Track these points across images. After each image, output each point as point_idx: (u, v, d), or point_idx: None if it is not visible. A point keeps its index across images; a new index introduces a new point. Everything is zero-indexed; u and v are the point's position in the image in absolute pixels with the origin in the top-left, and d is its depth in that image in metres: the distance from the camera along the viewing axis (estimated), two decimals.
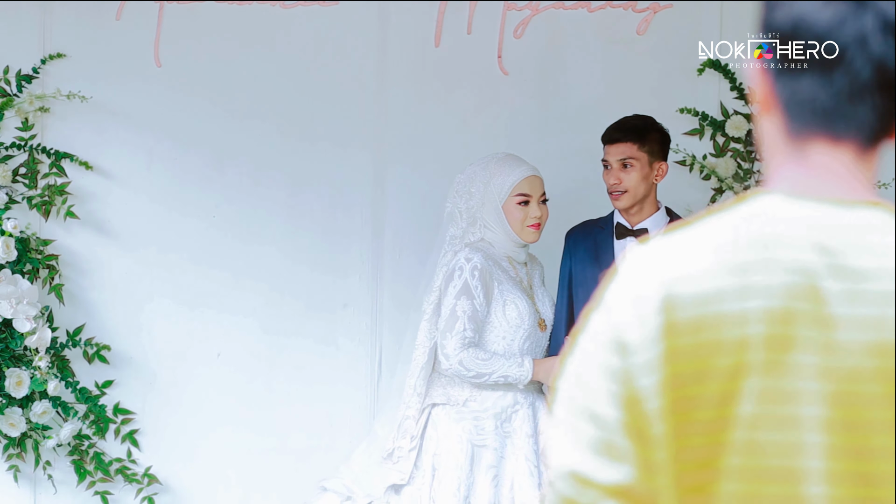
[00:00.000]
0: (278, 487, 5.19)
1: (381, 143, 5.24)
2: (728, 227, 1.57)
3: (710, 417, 1.51)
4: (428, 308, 4.40)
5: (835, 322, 1.53)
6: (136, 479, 5.19)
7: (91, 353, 5.16)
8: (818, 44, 1.55)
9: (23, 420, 5.02)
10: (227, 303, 5.21)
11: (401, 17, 5.25)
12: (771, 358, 1.51)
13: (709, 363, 1.52)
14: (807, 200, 1.58)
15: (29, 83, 5.13)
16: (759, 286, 1.53)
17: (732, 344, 1.52)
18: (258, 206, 5.22)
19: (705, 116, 5.23)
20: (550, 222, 4.79)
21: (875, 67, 1.55)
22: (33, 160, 5.15)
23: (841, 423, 1.50)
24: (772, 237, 1.55)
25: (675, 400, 1.52)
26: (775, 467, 1.50)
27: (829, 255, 1.54)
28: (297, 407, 5.23)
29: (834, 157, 1.61)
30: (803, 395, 1.51)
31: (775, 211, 1.57)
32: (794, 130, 1.60)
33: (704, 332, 1.53)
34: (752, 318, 1.52)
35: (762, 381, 1.51)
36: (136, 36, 5.20)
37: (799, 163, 1.60)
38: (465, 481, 4.24)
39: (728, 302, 1.53)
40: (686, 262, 1.56)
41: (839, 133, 1.59)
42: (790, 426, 1.51)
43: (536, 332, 4.42)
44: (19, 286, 4.93)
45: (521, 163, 4.46)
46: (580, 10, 5.27)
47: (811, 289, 1.53)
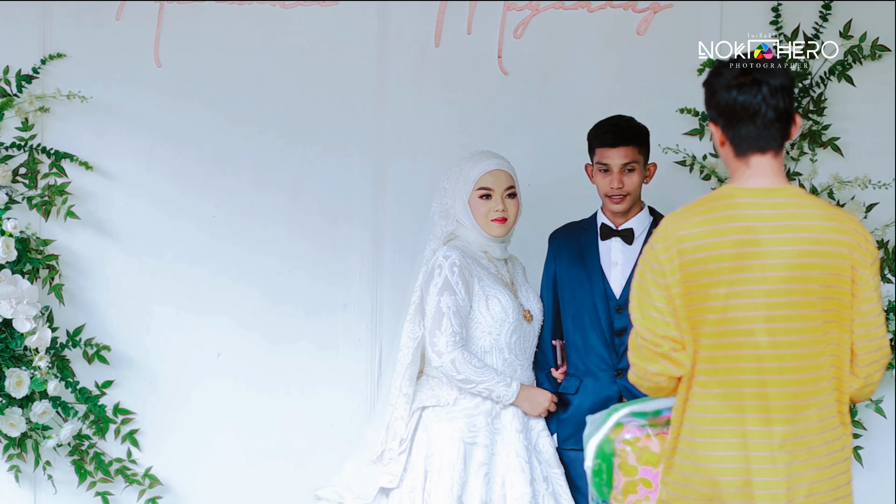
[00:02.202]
0: (278, 487, 5.19)
1: (381, 143, 5.24)
2: (709, 204, 3.19)
3: (702, 298, 3.15)
4: (409, 308, 4.40)
5: (764, 251, 3.12)
6: (137, 479, 5.19)
7: (91, 353, 5.16)
8: (745, 110, 3.16)
9: (23, 420, 5.02)
10: (227, 302, 5.21)
11: (401, 17, 5.25)
12: (732, 268, 3.13)
13: (701, 272, 3.14)
14: (745, 189, 3.18)
15: (29, 83, 5.13)
16: (725, 235, 3.13)
17: (712, 263, 3.13)
18: (258, 206, 5.22)
19: (705, 116, 5.23)
20: (550, 221, 4.79)
21: (774, 111, 3.16)
22: (33, 160, 5.15)
23: (769, 300, 3.12)
24: (732, 209, 3.15)
25: (685, 290, 3.17)
26: (736, 318, 3.14)
27: (762, 217, 3.14)
28: (297, 408, 5.23)
29: (762, 162, 3.20)
30: (752, 289, 3.12)
31: (733, 194, 3.18)
32: (740, 152, 3.20)
33: (698, 258, 3.14)
34: (722, 251, 3.13)
35: (728, 278, 3.12)
36: (136, 36, 5.20)
37: (745, 168, 3.20)
38: (459, 480, 4.25)
39: (709, 244, 3.14)
40: (686, 224, 3.18)
41: (763, 148, 3.20)
42: (744, 301, 3.13)
43: (523, 325, 4.42)
44: (19, 286, 4.94)
45: (488, 157, 4.47)
46: (580, 10, 5.27)
47: (753, 236, 3.13)
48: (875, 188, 5.20)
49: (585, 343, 4.53)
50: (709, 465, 3.15)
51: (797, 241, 3.10)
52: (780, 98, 3.14)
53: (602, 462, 3.47)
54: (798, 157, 5.23)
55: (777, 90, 3.12)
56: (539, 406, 4.38)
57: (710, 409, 3.15)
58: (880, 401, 5.24)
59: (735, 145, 3.17)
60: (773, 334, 3.10)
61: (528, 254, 4.85)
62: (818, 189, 5.20)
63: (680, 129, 5.21)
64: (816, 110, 5.24)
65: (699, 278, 3.12)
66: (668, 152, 5.13)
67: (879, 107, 5.25)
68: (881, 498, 5.30)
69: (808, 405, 3.12)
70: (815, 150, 5.24)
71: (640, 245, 4.53)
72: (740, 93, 3.13)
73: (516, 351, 4.41)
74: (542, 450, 4.39)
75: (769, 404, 3.11)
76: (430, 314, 4.31)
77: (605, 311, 4.50)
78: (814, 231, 3.12)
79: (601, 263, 4.54)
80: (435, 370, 4.36)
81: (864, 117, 5.25)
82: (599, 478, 3.48)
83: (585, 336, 4.52)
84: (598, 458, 3.47)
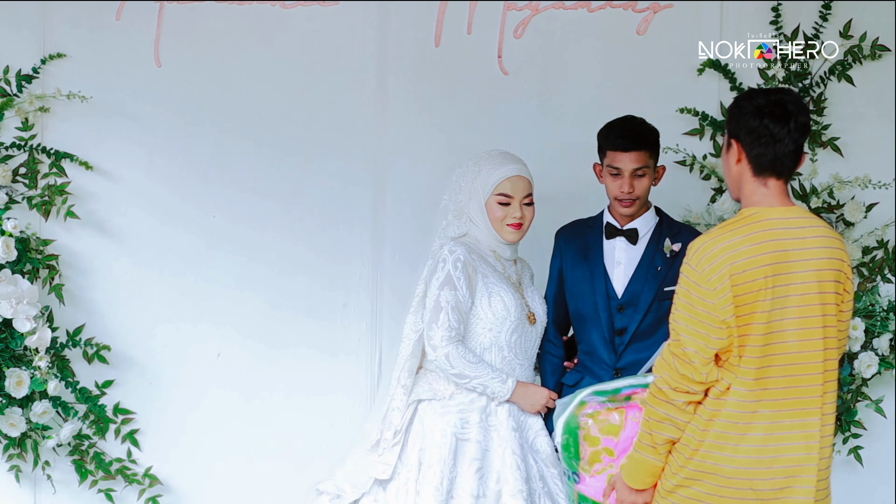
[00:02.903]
0: (278, 488, 5.19)
1: (381, 144, 5.24)
2: (744, 225, 3.52)
3: (750, 308, 3.47)
4: (413, 301, 4.41)
5: (793, 263, 3.49)
6: (137, 479, 5.19)
7: (91, 353, 5.16)
8: (771, 136, 3.51)
9: (23, 420, 5.02)
10: (228, 302, 5.21)
11: (401, 17, 5.25)
12: (773, 280, 3.47)
13: (750, 285, 3.46)
14: (772, 209, 3.54)
15: (29, 83, 5.13)
16: (765, 251, 3.48)
17: (759, 277, 3.45)
18: (258, 206, 5.22)
19: (705, 116, 5.23)
20: (550, 221, 4.79)
21: (794, 144, 3.53)
22: (33, 160, 5.15)
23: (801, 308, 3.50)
24: (766, 227, 3.51)
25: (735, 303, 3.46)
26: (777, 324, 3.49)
27: (789, 234, 3.51)
28: (297, 408, 5.23)
29: (778, 185, 3.57)
30: (788, 296, 3.48)
31: (763, 214, 3.54)
32: (758, 173, 3.56)
33: (746, 273, 3.45)
34: (765, 266, 3.47)
35: (771, 289, 3.47)
36: (136, 36, 5.20)
37: (762, 188, 3.56)
38: (449, 475, 4.25)
39: (754, 261, 3.46)
40: (732, 244, 3.48)
41: (779, 174, 3.56)
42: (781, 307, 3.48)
43: (525, 326, 4.42)
44: (19, 286, 4.94)
45: (509, 161, 4.45)
46: (580, 10, 5.27)
47: (784, 250, 3.50)
48: (875, 188, 5.20)
49: (584, 341, 4.53)
50: (747, 457, 3.48)
51: (818, 253, 3.50)
52: (801, 134, 3.52)
53: (569, 436, 3.79)
54: None
55: (801, 126, 3.50)
56: (537, 403, 4.39)
57: (748, 406, 3.48)
58: (880, 400, 5.24)
59: (754, 165, 3.52)
60: (803, 337, 3.48)
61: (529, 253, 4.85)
62: (818, 189, 5.20)
63: (680, 129, 5.22)
64: (816, 110, 5.24)
65: (747, 292, 3.44)
66: (668, 152, 5.13)
67: (879, 107, 5.26)
68: (881, 498, 5.30)
69: (831, 397, 3.55)
70: (815, 149, 5.24)
71: (644, 245, 4.52)
72: (772, 120, 3.48)
73: (516, 350, 4.41)
74: (540, 448, 4.40)
75: (803, 399, 3.50)
76: (429, 307, 4.32)
77: (606, 310, 4.49)
78: (826, 244, 3.53)
79: (605, 262, 4.54)
80: (434, 364, 4.37)
81: (864, 117, 5.26)
82: (568, 451, 3.80)
83: (586, 334, 4.52)
84: (566, 433, 3.79)
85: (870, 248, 5.25)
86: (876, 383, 5.28)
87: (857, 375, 5.22)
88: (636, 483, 3.59)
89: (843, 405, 5.22)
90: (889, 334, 5.20)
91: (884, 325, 5.19)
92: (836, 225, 5.24)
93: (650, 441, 3.54)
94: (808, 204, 5.19)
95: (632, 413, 3.79)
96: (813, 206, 5.19)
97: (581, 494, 3.81)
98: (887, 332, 5.19)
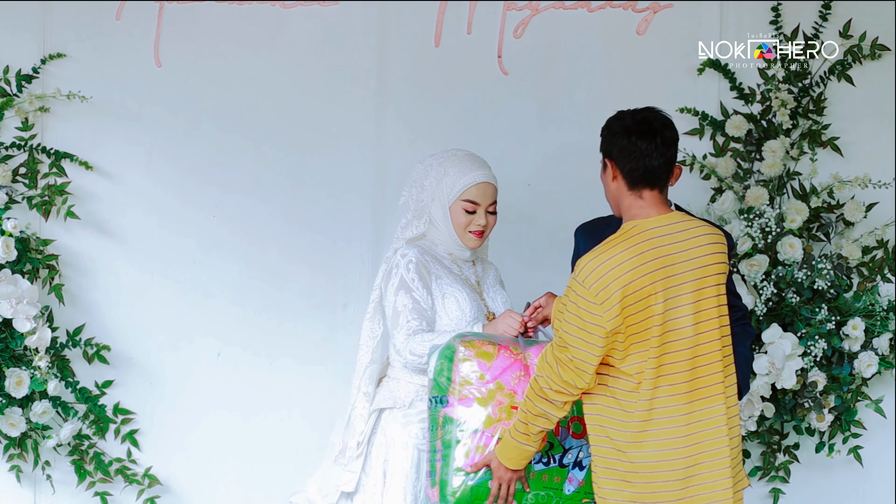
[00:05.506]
0: (278, 487, 5.19)
1: (381, 143, 5.24)
2: (626, 239, 3.69)
3: (645, 315, 3.65)
4: (369, 307, 4.33)
5: (678, 265, 3.67)
6: (137, 479, 5.19)
7: (91, 353, 5.16)
8: (640, 153, 3.72)
9: (23, 420, 5.02)
10: (228, 302, 5.21)
11: (401, 17, 5.25)
12: (663, 283, 3.64)
13: (640, 294, 3.64)
14: (650, 220, 3.72)
15: (29, 83, 5.14)
16: (650, 259, 3.65)
17: (647, 285, 3.63)
18: (258, 206, 5.22)
19: (705, 116, 5.23)
20: (550, 221, 4.80)
21: (662, 157, 3.73)
22: (33, 160, 5.15)
23: (696, 304, 3.68)
24: (647, 238, 3.68)
25: (624, 314, 3.64)
26: (673, 323, 3.66)
27: (670, 238, 3.69)
28: (297, 408, 5.23)
29: (653, 195, 3.74)
30: (681, 294, 3.67)
31: (643, 226, 3.71)
32: (633, 187, 3.73)
33: (634, 283, 3.63)
34: (653, 272, 3.64)
35: (663, 293, 3.64)
36: (136, 36, 5.20)
37: (638, 200, 3.74)
38: (412, 490, 4.17)
39: (640, 270, 3.64)
40: (617, 259, 3.66)
41: (653, 184, 3.73)
42: (675, 306, 3.66)
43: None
44: (19, 286, 4.94)
45: (477, 166, 4.29)
46: (580, 10, 5.27)
47: (668, 255, 3.67)
48: (875, 188, 5.20)
49: None
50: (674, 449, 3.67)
51: (701, 251, 3.71)
52: (668, 147, 3.75)
53: (444, 360, 3.95)
54: (798, 156, 5.23)
55: (667, 140, 3.75)
56: (513, 323, 4.14)
57: (662, 402, 3.68)
58: (880, 400, 5.24)
59: (629, 180, 3.74)
60: (700, 330, 3.68)
61: (529, 253, 4.86)
62: (818, 189, 5.20)
63: (680, 129, 5.19)
64: (816, 110, 5.24)
65: (639, 300, 3.63)
66: None
67: (879, 107, 5.26)
68: (881, 498, 5.30)
69: (731, 379, 3.76)
70: (815, 149, 5.24)
71: None
72: (639, 138, 3.72)
73: None
74: None
75: (707, 388, 3.70)
76: (389, 315, 4.23)
77: None
78: (705, 242, 3.73)
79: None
80: (396, 371, 4.28)
81: (864, 117, 5.26)
82: (440, 376, 3.95)
83: None
84: (441, 358, 3.95)
85: (869, 247, 5.25)
86: (876, 383, 5.29)
87: (857, 375, 5.22)
88: (511, 464, 3.84)
89: (843, 405, 5.23)
90: (889, 334, 5.20)
91: (884, 324, 5.19)
92: (836, 225, 5.24)
93: (525, 430, 3.77)
94: (808, 204, 5.19)
95: (504, 350, 3.96)
96: (813, 206, 5.19)
97: (447, 416, 3.92)
98: (887, 331, 5.19)
